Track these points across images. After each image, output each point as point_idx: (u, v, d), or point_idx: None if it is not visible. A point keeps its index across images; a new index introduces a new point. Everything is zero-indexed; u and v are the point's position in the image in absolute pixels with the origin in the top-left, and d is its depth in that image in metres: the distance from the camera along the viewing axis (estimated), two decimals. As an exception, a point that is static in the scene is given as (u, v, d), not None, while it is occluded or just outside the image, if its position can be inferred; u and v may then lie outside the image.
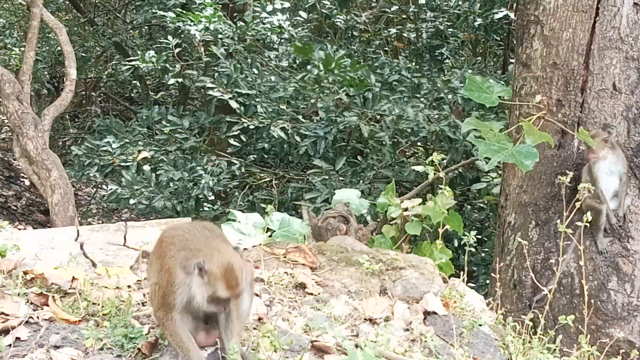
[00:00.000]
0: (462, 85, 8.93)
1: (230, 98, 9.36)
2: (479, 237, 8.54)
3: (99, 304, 3.60)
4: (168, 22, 10.42)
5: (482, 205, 9.47)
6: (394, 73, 9.82)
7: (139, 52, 11.00)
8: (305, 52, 9.43)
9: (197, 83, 10.23)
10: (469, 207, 9.63)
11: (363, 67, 9.25)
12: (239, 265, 3.13)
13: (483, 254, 9.11)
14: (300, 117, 9.69)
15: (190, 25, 9.85)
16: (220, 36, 9.95)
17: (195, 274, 3.10)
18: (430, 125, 8.82)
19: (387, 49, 12.75)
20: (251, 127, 9.31)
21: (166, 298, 3.16)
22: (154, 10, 11.49)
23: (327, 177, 8.98)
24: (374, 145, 9.16)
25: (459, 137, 8.63)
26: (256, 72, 9.71)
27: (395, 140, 9.16)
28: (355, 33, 12.20)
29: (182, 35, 10.80)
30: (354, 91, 9.18)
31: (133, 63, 10.21)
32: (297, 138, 9.37)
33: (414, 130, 8.98)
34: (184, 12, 10.20)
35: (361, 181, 8.87)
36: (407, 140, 9.43)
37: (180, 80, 10.58)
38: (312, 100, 9.40)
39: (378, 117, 9.16)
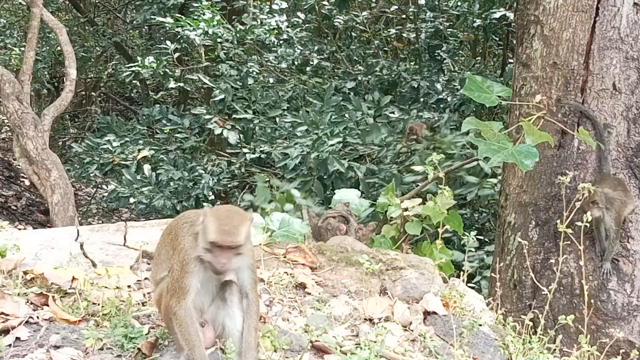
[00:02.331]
0: (460, 86, 8.94)
1: (229, 129, 9.33)
2: (480, 237, 8.53)
3: (99, 304, 3.60)
4: (167, 27, 10.43)
5: (483, 210, 9.46)
6: (392, 76, 9.81)
7: (139, 58, 10.99)
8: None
9: (194, 111, 10.21)
10: (470, 209, 9.62)
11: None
12: (242, 218, 3.02)
13: (485, 256, 9.10)
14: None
15: (189, 31, 9.86)
16: (219, 40, 9.96)
17: (199, 229, 3.05)
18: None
19: (386, 49, 12.76)
20: (252, 155, 9.26)
21: (180, 282, 3.06)
22: (153, 12, 11.50)
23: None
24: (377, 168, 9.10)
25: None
26: (251, 86, 9.65)
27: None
28: (354, 33, 12.20)
29: (182, 40, 10.80)
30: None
31: (133, 69, 10.20)
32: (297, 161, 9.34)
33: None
34: (183, 17, 10.20)
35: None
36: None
37: (181, 84, 10.57)
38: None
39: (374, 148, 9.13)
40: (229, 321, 3.23)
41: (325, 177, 8.74)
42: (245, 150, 9.25)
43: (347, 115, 9.26)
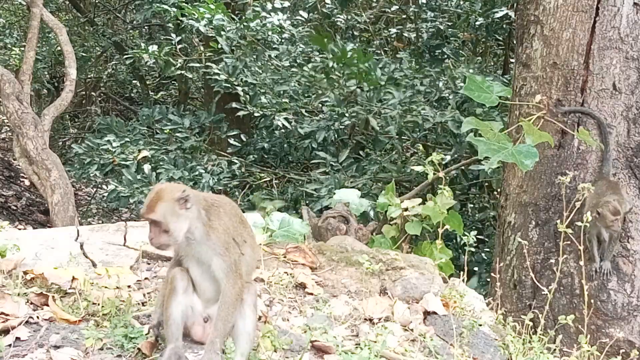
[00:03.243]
0: (462, 84, 8.94)
1: (236, 85, 9.41)
2: (480, 237, 8.53)
3: (99, 304, 3.60)
4: (172, 16, 10.41)
5: (485, 205, 9.46)
6: (397, 71, 9.83)
7: (142, 44, 10.99)
8: (321, 43, 9.47)
9: (204, 69, 10.22)
10: (471, 205, 9.63)
11: (370, 58, 9.24)
12: (166, 195, 3.12)
13: (483, 254, 9.11)
14: (303, 111, 9.69)
15: (193, 20, 9.85)
16: (222, 32, 9.95)
17: None
18: (435, 117, 8.83)
19: (387, 48, 12.75)
20: (256, 114, 9.33)
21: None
22: (157, 4, 11.45)
23: (329, 172, 9.00)
24: (381, 139, 9.13)
25: (463, 133, 8.61)
26: (260, 65, 9.71)
27: (400, 135, 9.16)
28: (355, 33, 12.20)
29: (184, 33, 10.79)
30: (365, 85, 9.18)
31: (135, 51, 10.19)
32: (300, 131, 9.39)
33: (420, 124, 8.96)
34: (187, 5, 10.19)
35: (364, 175, 8.87)
36: (411, 137, 9.43)
37: (183, 72, 10.55)
38: (319, 92, 9.37)
39: (383, 110, 9.16)
40: (240, 320, 3.23)
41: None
42: (250, 107, 9.30)
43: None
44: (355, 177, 8.88)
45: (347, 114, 9.12)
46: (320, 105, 9.81)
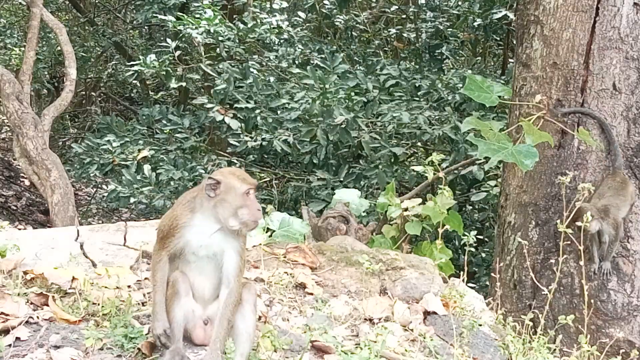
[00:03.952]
0: (461, 85, 8.93)
1: (231, 117, 9.35)
2: (480, 237, 8.54)
3: (99, 304, 3.60)
4: (169, 26, 10.41)
5: (483, 206, 9.47)
6: (393, 75, 9.81)
7: (140, 57, 10.96)
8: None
9: (196, 101, 10.24)
10: (470, 207, 9.63)
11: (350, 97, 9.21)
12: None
13: (484, 254, 9.12)
14: (301, 123, 9.66)
15: (191, 29, 9.85)
16: (220, 38, 9.95)
17: (210, 198, 3.17)
18: (432, 127, 8.83)
19: (386, 49, 12.75)
20: (253, 144, 9.31)
21: (165, 240, 3.24)
22: (154, 13, 11.46)
23: (329, 184, 8.99)
24: (376, 161, 9.11)
25: (460, 139, 8.63)
26: (252, 79, 9.65)
27: (396, 145, 9.12)
28: (354, 33, 12.20)
29: (183, 39, 10.79)
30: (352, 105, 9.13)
31: (135, 68, 10.19)
32: (299, 147, 9.35)
33: (416, 135, 8.97)
34: (184, 15, 10.19)
35: (363, 188, 8.87)
36: (408, 143, 9.40)
37: (183, 84, 10.55)
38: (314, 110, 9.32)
39: (378, 123, 9.12)
40: (240, 320, 3.23)
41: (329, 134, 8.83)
42: (246, 138, 9.27)
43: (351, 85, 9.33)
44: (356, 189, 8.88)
45: (341, 141, 9.09)
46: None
